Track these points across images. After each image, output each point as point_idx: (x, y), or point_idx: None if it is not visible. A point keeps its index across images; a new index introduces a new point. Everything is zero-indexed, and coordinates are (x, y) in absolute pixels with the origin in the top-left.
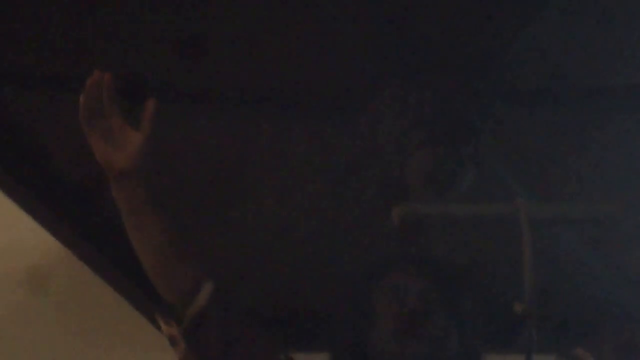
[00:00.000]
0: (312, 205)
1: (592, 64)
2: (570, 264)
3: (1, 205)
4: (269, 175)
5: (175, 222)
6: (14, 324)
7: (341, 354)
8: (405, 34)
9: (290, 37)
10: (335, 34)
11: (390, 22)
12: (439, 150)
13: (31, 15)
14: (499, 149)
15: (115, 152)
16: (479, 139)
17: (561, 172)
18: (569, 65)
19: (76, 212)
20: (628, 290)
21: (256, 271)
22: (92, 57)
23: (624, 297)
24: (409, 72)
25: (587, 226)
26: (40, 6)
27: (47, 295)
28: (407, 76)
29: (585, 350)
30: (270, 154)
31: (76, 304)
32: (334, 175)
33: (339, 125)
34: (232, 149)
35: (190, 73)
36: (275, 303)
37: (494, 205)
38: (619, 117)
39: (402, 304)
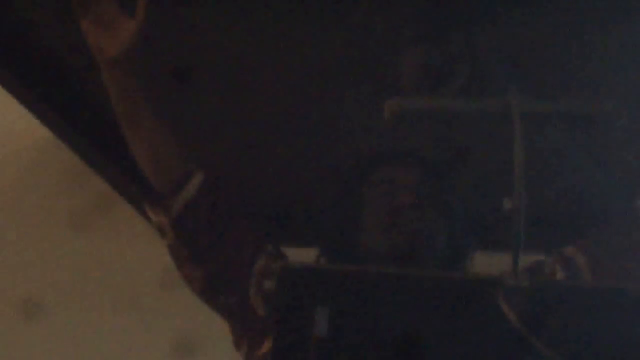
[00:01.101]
0: (305, 100)
1: None
2: (561, 163)
3: None
4: (262, 70)
5: (166, 112)
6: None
7: (330, 248)
8: None
9: None
10: None
11: None
12: (431, 46)
13: None
14: (492, 46)
15: (107, 39)
16: (473, 35)
17: (556, 69)
18: None
19: (66, 99)
20: (619, 191)
21: (246, 163)
22: None
23: (615, 197)
24: None
25: (580, 124)
26: None
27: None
28: None
29: (575, 248)
30: (263, 48)
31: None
32: (326, 70)
33: (332, 21)
34: (225, 42)
35: None
36: (264, 196)
37: (486, 101)
38: (618, 15)
39: (391, 199)
